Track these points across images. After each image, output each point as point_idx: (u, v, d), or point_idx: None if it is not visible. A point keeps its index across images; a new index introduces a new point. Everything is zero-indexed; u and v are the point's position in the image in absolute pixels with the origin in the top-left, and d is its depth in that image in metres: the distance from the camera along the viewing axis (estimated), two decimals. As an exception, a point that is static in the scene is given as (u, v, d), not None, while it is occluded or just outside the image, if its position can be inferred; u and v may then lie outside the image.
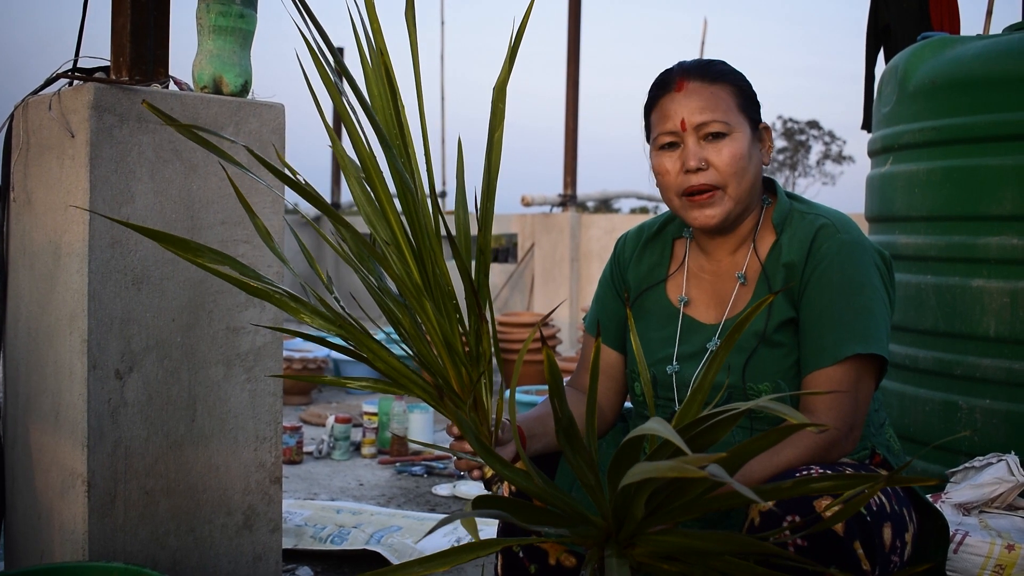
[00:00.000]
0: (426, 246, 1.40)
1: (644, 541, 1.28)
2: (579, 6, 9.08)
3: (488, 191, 1.46)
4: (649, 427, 1.09)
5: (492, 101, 1.47)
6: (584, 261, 8.99)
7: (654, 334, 1.83)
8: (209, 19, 2.25)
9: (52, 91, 2.19)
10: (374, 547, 2.83)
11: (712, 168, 1.68)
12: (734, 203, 1.70)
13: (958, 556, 2.13)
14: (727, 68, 1.73)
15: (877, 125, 3.22)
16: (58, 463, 2.14)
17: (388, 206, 1.43)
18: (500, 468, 1.36)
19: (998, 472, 2.29)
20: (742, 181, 1.68)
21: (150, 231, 1.34)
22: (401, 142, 1.44)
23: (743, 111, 1.70)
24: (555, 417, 1.31)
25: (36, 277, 2.23)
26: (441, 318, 1.43)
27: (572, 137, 9.20)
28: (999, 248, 2.71)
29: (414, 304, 1.44)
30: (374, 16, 1.43)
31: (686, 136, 1.68)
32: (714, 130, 1.67)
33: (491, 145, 1.47)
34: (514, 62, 1.47)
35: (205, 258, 1.38)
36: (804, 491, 1.25)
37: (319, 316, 1.43)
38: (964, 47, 2.89)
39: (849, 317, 1.63)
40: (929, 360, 2.88)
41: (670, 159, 1.71)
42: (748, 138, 1.69)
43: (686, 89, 1.69)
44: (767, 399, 1.18)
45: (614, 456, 1.21)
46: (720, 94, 1.68)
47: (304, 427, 4.67)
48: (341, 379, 1.51)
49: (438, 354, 1.46)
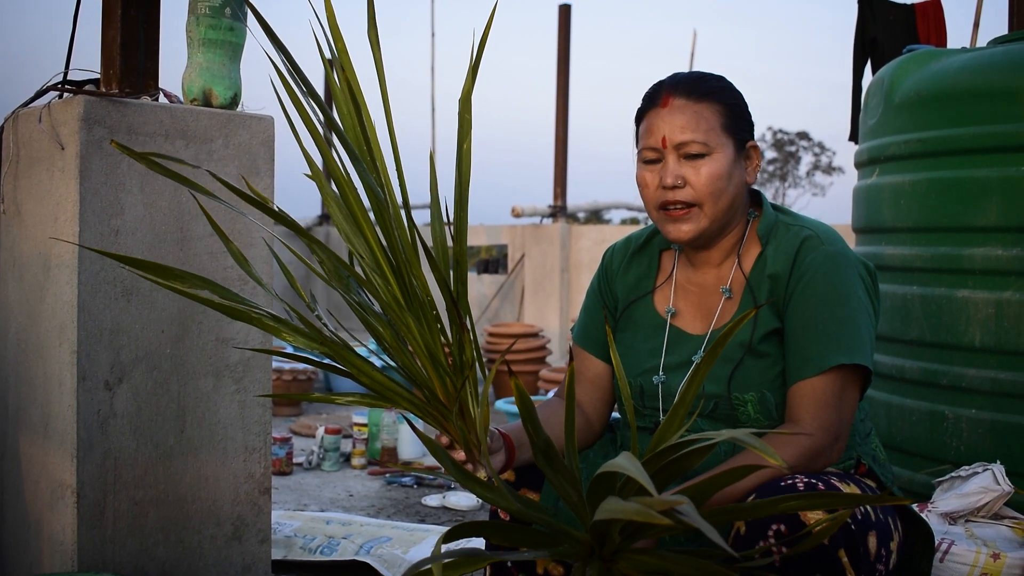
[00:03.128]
0: (402, 259, 1.42)
1: (626, 559, 1.31)
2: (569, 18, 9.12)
3: (461, 201, 1.48)
4: (618, 464, 1.13)
5: (459, 112, 1.50)
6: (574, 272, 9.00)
7: (641, 345, 1.85)
8: (199, 32, 2.26)
9: (42, 103, 2.20)
10: (364, 558, 2.83)
11: (689, 186, 1.69)
12: (709, 221, 1.71)
13: (944, 565, 2.14)
14: (718, 86, 1.73)
15: (863, 137, 3.24)
16: (47, 474, 2.14)
17: (364, 222, 1.44)
18: (480, 491, 1.40)
19: (984, 482, 2.31)
20: (719, 201, 1.70)
21: (129, 259, 1.37)
22: (370, 157, 1.45)
23: (727, 131, 1.71)
24: (531, 441, 1.34)
25: (25, 289, 2.24)
26: (423, 329, 1.44)
27: (562, 148, 9.23)
28: (984, 259, 2.73)
29: (395, 317, 1.45)
30: (338, 36, 1.45)
31: (667, 153, 1.71)
32: (694, 151, 1.69)
33: (460, 156, 1.49)
34: (477, 74, 1.49)
35: (186, 283, 1.40)
36: (781, 509, 1.28)
37: (301, 335, 1.44)
38: (949, 60, 2.92)
39: (833, 328, 1.64)
40: (915, 370, 2.90)
41: (651, 173, 1.74)
42: (729, 158, 1.70)
43: (670, 106, 1.71)
44: (740, 432, 1.20)
45: (589, 487, 1.24)
46: (704, 113, 1.69)
47: (294, 438, 4.67)
48: (328, 396, 1.52)
49: (422, 365, 1.47)
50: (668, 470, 1.26)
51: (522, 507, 1.40)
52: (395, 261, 1.42)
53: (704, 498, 1.29)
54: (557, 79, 9.13)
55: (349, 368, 1.46)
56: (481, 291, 9.62)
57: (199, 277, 1.40)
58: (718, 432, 1.23)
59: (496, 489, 1.41)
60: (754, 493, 1.55)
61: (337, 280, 1.48)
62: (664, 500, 1.07)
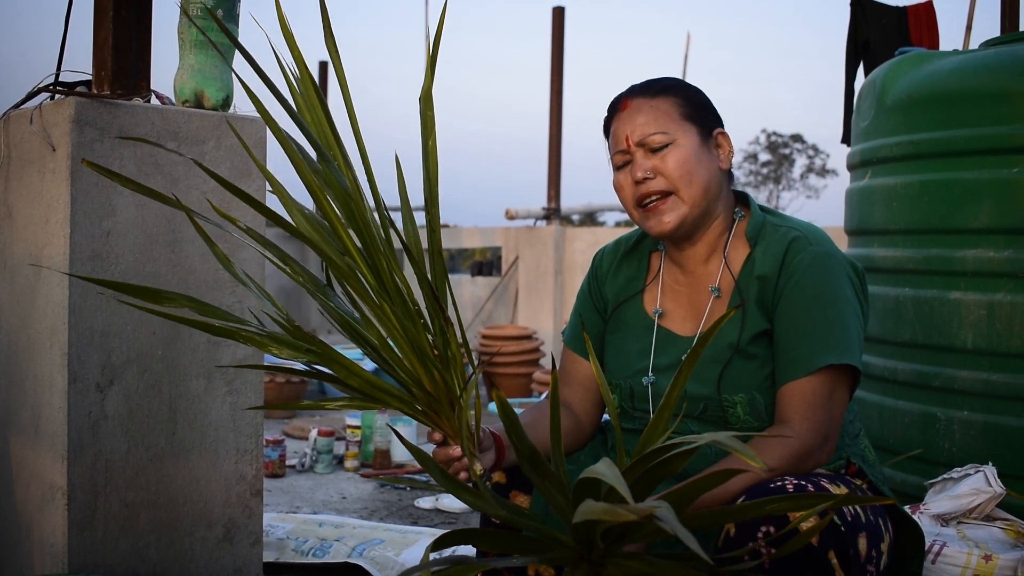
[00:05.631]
0: (377, 250, 1.44)
1: (614, 564, 1.32)
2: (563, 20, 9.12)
3: (432, 197, 1.52)
4: (597, 470, 1.15)
5: (420, 111, 1.53)
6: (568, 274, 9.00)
7: (631, 346, 1.85)
8: (191, 34, 2.26)
9: (34, 105, 2.20)
10: (356, 560, 2.82)
11: (660, 176, 1.74)
12: (689, 207, 1.74)
13: (936, 567, 2.14)
14: (671, 82, 1.80)
15: (856, 139, 3.25)
16: (38, 476, 2.14)
17: (335, 221, 1.46)
18: (467, 498, 1.42)
19: (976, 483, 2.31)
20: (692, 184, 1.73)
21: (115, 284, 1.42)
22: (339, 155, 1.48)
23: (687, 119, 1.75)
24: (516, 450, 1.36)
25: (16, 290, 2.23)
26: (404, 320, 1.45)
27: (556, 149, 9.22)
28: (976, 261, 2.74)
29: (376, 312, 1.46)
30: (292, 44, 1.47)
31: (634, 152, 1.76)
32: (657, 143, 1.73)
33: (426, 152, 1.53)
34: (435, 71, 1.53)
35: (174, 304, 1.44)
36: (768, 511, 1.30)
37: (286, 346, 1.46)
38: (941, 62, 2.92)
39: (822, 328, 1.65)
40: (907, 372, 2.90)
41: (624, 175, 1.78)
42: (695, 143, 1.74)
43: (629, 107, 1.77)
44: (721, 434, 1.22)
45: (573, 494, 1.25)
46: (661, 107, 1.75)
47: (287, 440, 4.66)
48: (319, 402, 1.53)
49: (406, 358, 1.48)
50: (652, 473, 1.27)
51: (508, 513, 1.40)
52: (367, 250, 1.44)
53: (689, 501, 1.30)
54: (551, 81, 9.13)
55: (338, 372, 1.46)
56: (475, 293, 9.61)
57: (187, 297, 1.43)
58: (700, 435, 1.23)
59: (482, 496, 1.41)
60: (743, 495, 1.55)
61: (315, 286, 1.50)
62: (638, 508, 1.08)
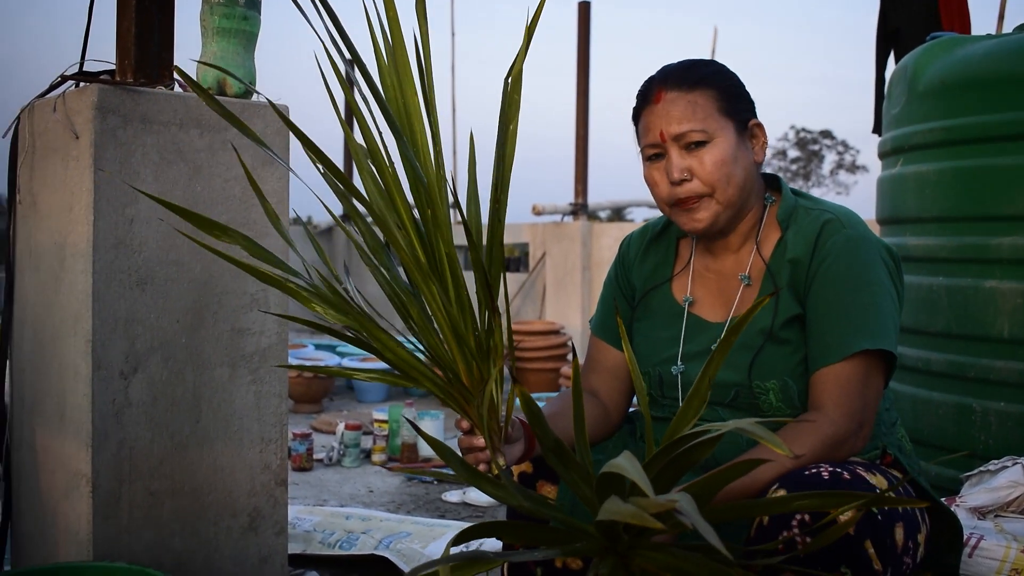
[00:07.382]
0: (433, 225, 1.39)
1: (641, 555, 1.29)
2: (588, 13, 9.08)
3: (503, 183, 1.44)
4: (618, 464, 1.12)
5: (507, 92, 1.45)
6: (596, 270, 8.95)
7: (660, 333, 1.82)
8: (213, 21, 2.24)
9: (57, 94, 2.19)
10: (383, 552, 2.81)
11: (696, 178, 1.68)
12: (723, 207, 1.69)
13: (973, 560, 2.10)
14: (708, 71, 1.71)
15: (887, 127, 3.19)
16: (63, 464, 2.13)
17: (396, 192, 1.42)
18: (489, 489, 1.39)
19: (1013, 475, 2.26)
20: (729, 185, 1.68)
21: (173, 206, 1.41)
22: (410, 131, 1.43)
23: (725, 114, 1.68)
24: (540, 442, 1.33)
25: (41, 279, 2.23)
26: (448, 304, 1.41)
27: (582, 146, 9.18)
28: (1011, 248, 2.68)
29: (422, 288, 1.42)
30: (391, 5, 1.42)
31: (668, 147, 1.69)
32: (694, 140, 1.67)
33: (504, 137, 1.45)
34: (528, 49, 1.44)
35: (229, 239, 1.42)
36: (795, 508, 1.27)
37: (331, 305, 1.42)
38: (974, 47, 2.86)
39: (856, 312, 1.60)
40: (942, 363, 2.85)
41: (658, 170, 1.72)
42: (732, 141, 1.68)
43: (664, 100, 1.69)
44: (745, 421, 1.19)
45: (596, 487, 1.23)
46: (698, 101, 1.67)
47: (314, 434, 4.65)
48: (346, 370, 1.50)
49: (448, 347, 1.44)
50: (677, 463, 1.24)
51: (532, 505, 1.38)
52: (425, 230, 1.39)
53: (715, 492, 1.26)
54: (577, 77, 9.09)
55: (375, 344, 1.43)
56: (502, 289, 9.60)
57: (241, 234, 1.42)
58: (724, 423, 1.20)
59: (504, 487, 1.39)
60: (776, 483, 1.51)
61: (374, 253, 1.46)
62: (659, 502, 1.05)
